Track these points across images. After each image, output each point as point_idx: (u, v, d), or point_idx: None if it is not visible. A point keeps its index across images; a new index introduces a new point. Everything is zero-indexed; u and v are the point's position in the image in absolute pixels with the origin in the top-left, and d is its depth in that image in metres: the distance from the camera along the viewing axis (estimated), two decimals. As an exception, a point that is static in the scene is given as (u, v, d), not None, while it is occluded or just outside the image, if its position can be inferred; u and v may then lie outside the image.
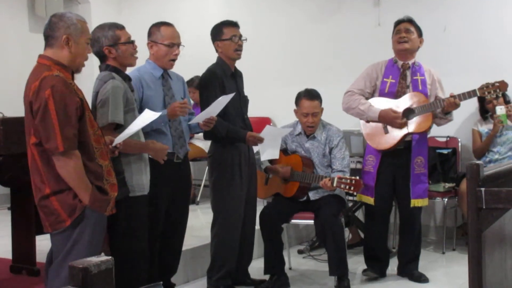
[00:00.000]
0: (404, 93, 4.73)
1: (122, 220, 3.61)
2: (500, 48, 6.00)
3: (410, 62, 4.80)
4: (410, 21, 4.81)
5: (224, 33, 4.48)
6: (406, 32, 4.75)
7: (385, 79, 4.78)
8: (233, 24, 4.53)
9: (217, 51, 4.55)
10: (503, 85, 4.53)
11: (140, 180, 3.73)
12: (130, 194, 3.64)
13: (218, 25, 4.56)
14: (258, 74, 6.69)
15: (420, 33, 4.82)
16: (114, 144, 3.38)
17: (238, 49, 4.51)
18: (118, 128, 3.61)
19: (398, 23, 4.84)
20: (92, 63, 3.81)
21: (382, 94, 4.78)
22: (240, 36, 4.51)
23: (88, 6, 8.03)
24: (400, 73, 4.77)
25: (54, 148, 2.98)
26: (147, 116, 3.51)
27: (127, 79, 3.80)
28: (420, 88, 4.74)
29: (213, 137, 4.51)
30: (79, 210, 3.06)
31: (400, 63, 4.79)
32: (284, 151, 4.97)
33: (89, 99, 3.44)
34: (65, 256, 3.07)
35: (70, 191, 3.06)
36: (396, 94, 4.74)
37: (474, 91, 4.54)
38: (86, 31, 3.22)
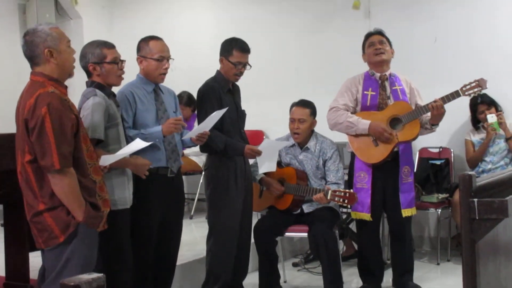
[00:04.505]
0: (386, 105, 4.74)
1: (103, 234, 3.60)
2: (491, 58, 6.03)
3: (387, 73, 4.81)
4: (380, 33, 4.84)
5: (233, 55, 4.44)
6: (380, 43, 4.78)
7: (365, 92, 4.78)
8: (244, 50, 4.47)
9: (220, 61, 4.54)
10: (482, 82, 4.58)
11: (122, 194, 3.74)
12: (112, 208, 3.62)
13: (230, 43, 4.49)
14: (251, 87, 6.66)
15: (390, 44, 4.85)
16: (100, 164, 3.37)
17: (238, 74, 4.50)
18: (100, 143, 3.64)
19: (368, 36, 4.87)
20: (84, 78, 3.82)
21: (365, 107, 4.77)
22: (245, 64, 4.48)
23: (80, 21, 8.03)
24: (379, 85, 4.79)
25: (50, 165, 2.97)
26: (137, 146, 3.57)
27: (111, 95, 3.83)
28: (401, 97, 4.76)
29: (210, 150, 4.50)
30: (73, 226, 3.05)
31: (378, 75, 4.80)
32: (278, 163, 4.97)
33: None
34: (59, 273, 3.06)
35: (64, 207, 3.05)
36: (378, 106, 4.75)
37: (456, 91, 4.58)
38: (63, 36, 3.18)
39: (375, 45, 4.78)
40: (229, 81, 4.54)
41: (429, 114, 4.65)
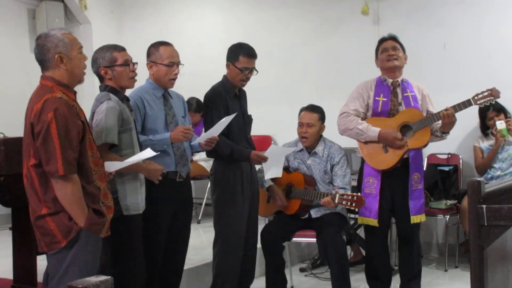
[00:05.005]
0: (397, 111, 4.71)
1: (115, 239, 3.61)
2: (500, 64, 6.02)
3: (399, 79, 4.79)
4: (394, 38, 4.81)
5: (239, 60, 4.43)
6: (393, 49, 4.75)
7: (376, 98, 4.75)
8: (251, 56, 4.46)
9: (227, 66, 4.55)
10: (494, 91, 4.53)
11: (135, 199, 3.74)
12: (125, 213, 3.65)
13: (237, 48, 4.49)
14: (259, 92, 6.68)
15: (404, 50, 4.83)
16: (106, 171, 3.37)
17: (245, 80, 4.50)
18: (113, 147, 3.64)
19: (382, 41, 4.84)
20: (94, 84, 3.83)
21: (376, 113, 4.75)
22: (252, 69, 4.47)
23: (89, 27, 8.06)
24: (391, 91, 4.77)
25: (54, 171, 2.97)
26: (146, 155, 3.59)
27: (125, 99, 3.83)
28: (412, 104, 4.72)
29: (216, 155, 4.51)
30: (75, 231, 3.05)
31: (390, 81, 4.77)
32: (286, 168, 4.98)
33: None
34: (61, 278, 3.06)
35: (66, 212, 3.05)
36: (389, 112, 4.72)
37: (468, 100, 4.53)
38: (75, 42, 3.18)
39: (388, 51, 4.76)
40: (236, 86, 4.54)
41: (440, 121, 4.62)
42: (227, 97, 4.46)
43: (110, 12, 8.36)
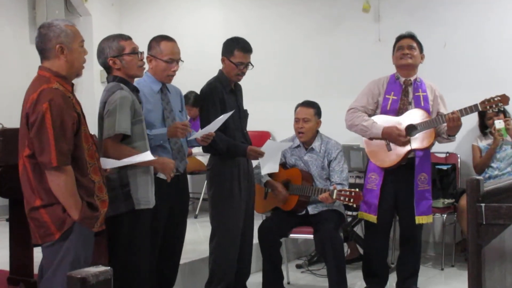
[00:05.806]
0: (406, 110, 4.68)
1: (125, 233, 3.60)
2: (501, 63, 6.02)
3: (412, 78, 4.76)
4: (412, 36, 4.77)
5: (234, 55, 4.42)
6: (408, 48, 4.72)
7: (387, 96, 4.73)
8: (246, 50, 4.45)
9: (222, 61, 4.54)
10: (504, 98, 4.48)
11: (146, 193, 3.71)
12: (136, 207, 3.63)
13: (232, 43, 4.48)
14: (258, 88, 6.70)
15: (421, 49, 4.79)
16: (102, 167, 3.33)
17: (240, 74, 4.48)
18: (125, 139, 3.60)
19: (399, 38, 4.80)
20: (92, 77, 3.81)
21: (384, 111, 4.74)
22: (247, 64, 4.46)
23: (89, 19, 8.05)
24: (402, 90, 4.73)
25: (47, 162, 2.96)
26: (144, 158, 3.53)
27: (135, 90, 3.79)
28: (422, 104, 4.70)
29: (212, 151, 4.50)
30: (68, 224, 3.04)
31: (402, 79, 4.75)
32: (283, 165, 4.98)
33: (88, 112, 3.42)
34: (55, 270, 3.06)
35: (60, 204, 3.03)
36: (398, 111, 4.70)
37: (476, 105, 4.48)
38: (77, 35, 3.17)
39: (403, 49, 4.72)
40: (232, 81, 4.53)
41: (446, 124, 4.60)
42: (223, 92, 4.45)
43: (111, 4, 8.35)
